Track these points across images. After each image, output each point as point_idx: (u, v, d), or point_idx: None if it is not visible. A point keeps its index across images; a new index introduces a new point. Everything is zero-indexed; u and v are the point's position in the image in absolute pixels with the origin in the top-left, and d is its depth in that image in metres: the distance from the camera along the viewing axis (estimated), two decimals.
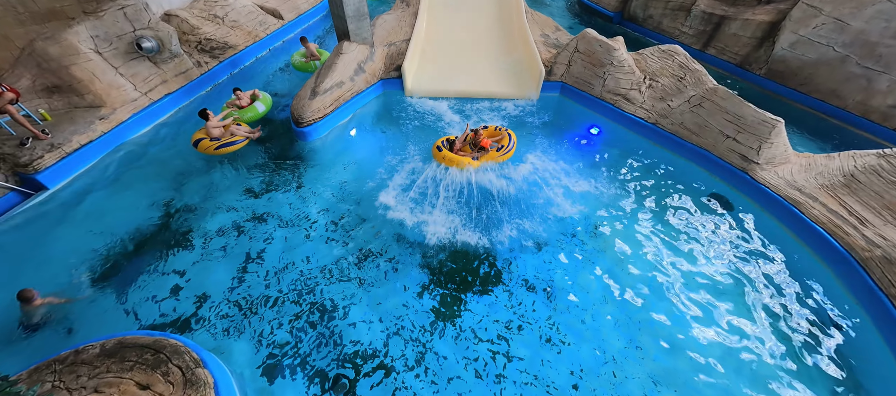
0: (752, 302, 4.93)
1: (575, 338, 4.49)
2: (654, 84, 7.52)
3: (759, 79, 9.40)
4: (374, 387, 4.04)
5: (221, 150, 6.74)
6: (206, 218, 5.79)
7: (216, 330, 4.48)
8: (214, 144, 6.66)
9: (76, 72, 6.63)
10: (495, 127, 7.33)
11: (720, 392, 4.11)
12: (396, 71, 8.43)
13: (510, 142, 6.96)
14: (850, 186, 5.49)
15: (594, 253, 5.46)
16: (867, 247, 4.85)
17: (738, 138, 6.26)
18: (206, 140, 6.66)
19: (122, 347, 3.69)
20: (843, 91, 8.18)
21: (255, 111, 7.65)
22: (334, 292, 4.88)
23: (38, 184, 6.04)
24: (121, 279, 4.97)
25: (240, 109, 7.58)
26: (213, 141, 6.67)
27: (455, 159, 6.65)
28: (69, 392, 3.35)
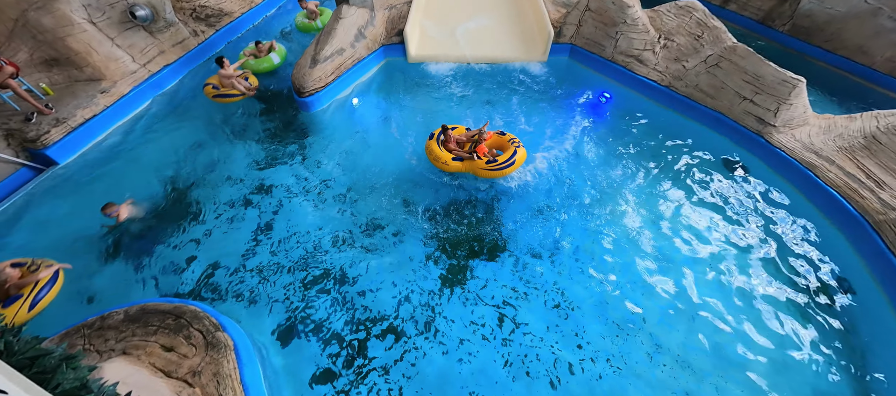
0: (759, 267, 4.94)
1: (581, 304, 4.58)
2: (669, 44, 7.15)
3: (781, 36, 8.88)
4: (387, 350, 4.21)
5: (219, 99, 7.04)
6: (214, 191, 5.85)
7: (231, 298, 4.65)
8: (214, 92, 6.96)
9: (72, 44, 6.50)
10: (510, 138, 5.85)
11: (722, 356, 4.21)
12: (398, 36, 8.11)
13: (512, 157, 5.51)
14: (871, 148, 5.31)
15: (601, 219, 5.45)
16: (882, 210, 4.76)
17: (755, 100, 6.01)
18: (209, 87, 7.03)
19: (145, 313, 3.86)
20: (871, 47, 7.72)
21: (269, 62, 7.94)
22: (343, 260, 4.99)
23: (49, 159, 6.11)
24: (135, 250, 5.12)
25: (256, 58, 7.91)
26: (214, 88, 6.95)
27: (439, 155, 5.62)
28: (100, 353, 3.55)
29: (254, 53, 7.98)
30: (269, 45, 8.08)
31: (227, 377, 3.44)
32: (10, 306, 4.03)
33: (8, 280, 4.07)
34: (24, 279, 4.19)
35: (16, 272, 4.20)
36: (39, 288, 4.23)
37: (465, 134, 5.82)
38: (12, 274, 4.13)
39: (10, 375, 1.25)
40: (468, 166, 5.64)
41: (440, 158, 5.59)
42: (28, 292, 4.15)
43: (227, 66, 7.00)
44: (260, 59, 7.92)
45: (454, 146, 5.70)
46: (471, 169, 5.64)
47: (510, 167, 5.48)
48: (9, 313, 3.99)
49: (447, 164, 5.58)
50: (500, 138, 5.88)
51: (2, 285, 4.03)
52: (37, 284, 4.22)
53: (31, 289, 4.16)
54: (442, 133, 5.76)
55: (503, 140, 5.84)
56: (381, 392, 3.90)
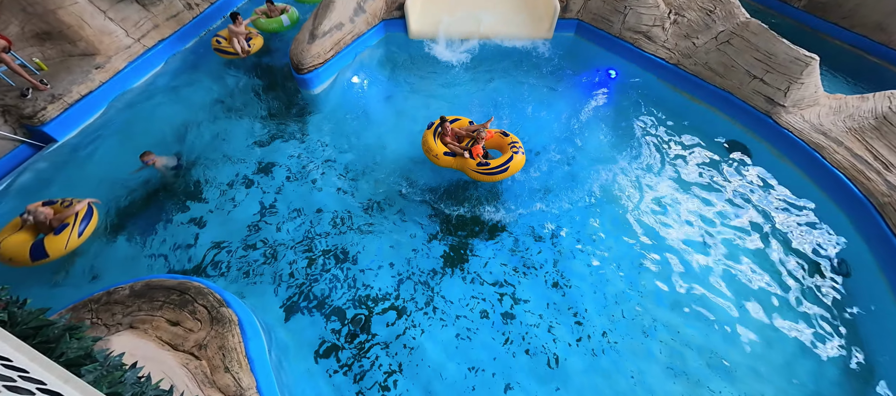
0: (759, 248, 4.95)
1: (579, 282, 4.62)
2: (679, 19, 6.90)
3: (797, 12, 8.56)
4: (389, 325, 4.29)
5: (219, 53, 7.33)
6: (215, 170, 5.83)
7: (235, 275, 4.70)
8: (216, 45, 7.27)
9: (64, 17, 6.32)
10: (511, 141, 5.34)
11: (718, 334, 4.27)
12: (399, 10, 7.85)
13: (506, 163, 5.03)
14: (881, 129, 5.19)
15: (602, 199, 5.42)
16: (888, 193, 4.71)
17: (765, 79, 5.84)
18: (215, 39, 7.30)
19: (150, 289, 3.92)
20: (890, 24, 7.45)
21: (279, 23, 7.92)
22: (345, 239, 5.02)
23: (47, 136, 6.06)
24: (137, 228, 5.15)
25: (268, 17, 7.95)
26: (218, 42, 7.26)
27: (431, 146, 5.29)
28: (107, 327, 3.63)
29: (265, 12, 7.96)
30: (282, 7, 8.03)
31: (233, 350, 3.52)
32: (60, 233, 4.37)
33: (47, 216, 4.40)
34: (61, 213, 4.51)
35: (50, 209, 4.51)
36: (81, 217, 4.53)
37: (465, 128, 5.46)
38: (48, 212, 4.45)
39: (16, 345, 1.27)
40: (459, 164, 5.25)
41: (432, 150, 5.30)
42: (72, 221, 4.45)
43: (239, 23, 7.17)
44: (270, 19, 7.89)
45: (451, 140, 5.37)
46: (461, 167, 5.26)
47: (502, 173, 5.00)
48: (61, 240, 4.34)
49: (438, 158, 5.29)
50: (501, 139, 5.40)
51: (44, 221, 4.37)
52: (77, 215, 4.51)
53: (75, 219, 4.48)
54: (440, 124, 5.44)
55: (503, 141, 5.36)
56: (382, 367, 4.00)
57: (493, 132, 5.48)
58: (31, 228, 4.43)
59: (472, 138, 5.35)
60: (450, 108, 6.79)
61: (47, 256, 4.28)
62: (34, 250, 4.24)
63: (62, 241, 4.34)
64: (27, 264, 4.26)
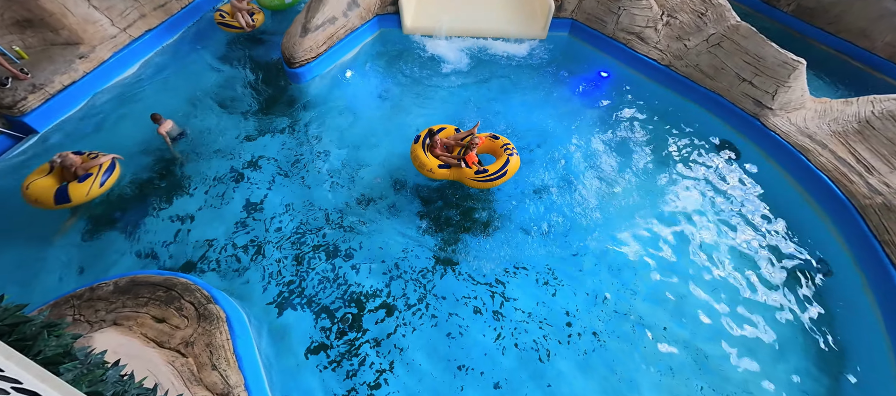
0: (744, 248, 5.05)
1: (570, 280, 4.66)
2: (671, 21, 6.98)
3: (785, 16, 8.72)
4: (378, 323, 4.27)
5: (223, 26, 7.55)
6: (204, 164, 5.71)
7: (223, 271, 4.63)
8: (220, 19, 7.48)
9: (46, 4, 6.11)
10: (503, 144, 5.23)
11: (704, 332, 4.35)
12: (393, 5, 7.78)
13: (504, 167, 4.95)
14: (863, 133, 5.33)
15: (593, 198, 5.47)
16: (869, 195, 4.84)
17: (754, 82, 5.95)
18: (218, 14, 7.54)
19: (135, 285, 3.84)
20: (873, 30, 7.64)
21: (281, 0, 8.16)
22: (336, 236, 4.97)
23: (27, 126, 5.87)
24: (123, 223, 5.03)
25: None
26: (221, 16, 7.47)
27: (424, 161, 5.02)
28: (90, 324, 3.54)
29: None
30: None
31: (220, 347, 3.47)
32: (84, 182, 4.70)
33: (74, 163, 4.73)
34: (87, 163, 4.85)
35: (79, 157, 4.84)
36: (104, 170, 4.90)
37: (453, 136, 5.24)
38: (76, 159, 4.77)
39: None
40: (456, 174, 5.12)
41: (425, 165, 5.03)
42: (96, 171, 4.83)
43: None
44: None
45: (441, 151, 5.14)
46: (458, 177, 5.14)
47: (501, 178, 4.95)
48: (83, 187, 4.69)
49: (433, 172, 5.07)
50: (492, 143, 5.29)
51: (70, 168, 4.70)
52: (101, 167, 4.88)
53: (98, 170, 4.83)
54: (428, 136, 5.19)
55: (496, 145, 5.25)
56: (373, 365, 3.98)
57: (483, 136, 5.35)
58: (57, 174, 4.73)
59: (464, 146, 5.19)
60: (443, 105, 6.77)
61: (70, 201, 4.60)
62: (58, 194, 4.54)
63: (85, 189, 4.67)
64: (50, 207, 4.58)
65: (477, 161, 5.09)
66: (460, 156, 5.11)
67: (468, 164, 5.00)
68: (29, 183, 4.59)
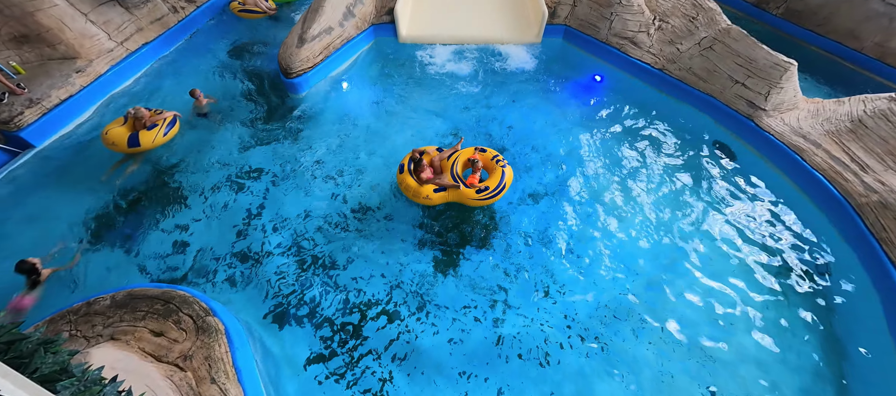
0: (744, 249, 5.06)
1: (570, 285, 4.65)
2: (663, 25, 7.07)
3: (774, 19, 8.86)
4: (379, 331, 4.24)
5: (243, 14, 8.19)
6: (200, 175, 5.71)
7: (222, 283, 4.60)
8: (238, 7, 8.08)
9: (43, 20, 6.14)
10: (493, 156, 5.18)
11: (703, 334, 4.34)
12: (389, 15, 7.86)
13: (502, 180, 4.92)
14: (857, 132, 5.39)
15: (591, 202, 5.48)
16: (864, 193, 4.87)
17: (747, 83, 6.02)
18: (236, 2, 8.08)
19: (132, 298, 3.80)
20: (861, 31, 7.76)
21: None
22: (335, 244, 4.95)
23: (24, 141, 5.86)
24: (119, 236, 5.00)
25: None
26: (240, 3, 8.03)
27: (417, 190, 4.77)
28: (87, 339, 3.50)
29: None
30: None
31: (219, 360, 3.43)
32: (151, 130, 5.64)
33: (144, 116, 5.62)
34: (154, 117, 5.76)
35: (148, 111, 5.72)
36: (167, 122, 5.82)
37: (438, 156, 5.05)
38: (146, 113, 5.66)
39: None
40: (455, 196, 4.92)
41: (420, 193, 4.76)
42: (161, 123, 5.74)
43: None
44: None
45: (430, 174, 4.86)
46: (459, 198, 4.96)
47: (501, 191, 4.90)
48: (151, 135, 5.62)
49: (429, 199, 4.83)
50: (483, 157, 5.23)
51: (141, 119, 5.58)
52: (165, 120, 5.81)
53: (162, 123, 5.75)
54: (411, 162, 4.85)
55: (486, 158, 5.21)
56: (374, 374, 3.94)
57: (470, 151, 5.25)
58: (130, 125, 5.63)
59: (467, 168, 5.08)
60: (439, 112, 6.80)
61: (139, 145, 5.57)
62: (131, 139, 5.52)
63: (151, 136, 5.62)
64: (124, 150, 5.60)
65: (478, 180, 4.94)
66: (457, 177, 4.92)
67: (467, 185, 4.85)
68: (108, 130, 5.57)
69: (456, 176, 4.94)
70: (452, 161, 5.06)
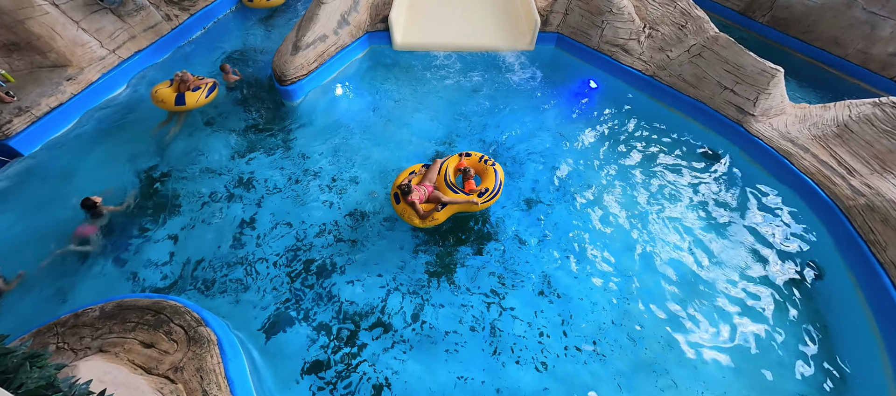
0: (736, 253, 5.11)
1: (566, 291, 4.65)
2: (653, 33, 7.21)
3: (760, 26, 9.08)
4: (375, 340, 4.20)
5: (252, 4, 9.07)
6: (193, 183, 5.65)
7: (214, 293, 4.53)
8: None
9: (33, 28, 6.09)
10: (481, 158, 5.18)
11: (699, 339, 4.36)
12: (383, 22, 7.92)
13: (497, 179, 4.95)
14: (842, 136, 5.51)
15: (586, 208, 5.52)
16: (852, 196, 4.97)
17: (735, 89, 6.14)
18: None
19: (122, 309, 3.72)
20: (845, 38, 7.97)
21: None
22: (330, 252, 4.92)
23: (12, 150, 5.76)
24: (109, 245, 4.92)
25: None
26: None
27: (419, 213, 4.52)
28: (75, 352, 3.42)
29: None
30: None
31: (212, 372, 3.37)
32: (195, 92, 6.34)
33: (189, 79, 6.30)
34: (198, 81, 6.46)
35: (192, 76, 6.40)
36: (209, 87, 6.53)
37: (425, 176, 4.87)
38: (191, 77, 6.34)
39: None
40: (462, 208, 4.86)
41: (425, 215, 4.56)
42: (204, 87, 6.46)
43: None
44: None
45: (423, 197, 4.62)
46: (465, 209, 4.90)
47: (500, 189, 4.95)
48: (195, 95, 6.32)
49: (435, 219, 4.67)
50: (469, 161, 5.21)
51: (186, 82, 6.27)
52: (207, 85, 6.52)
53: (205, 87, 6.47)
54: (399, 191, 4.54)
55: (473, 162, 5.20)
56: (370, 382, 3.90)
57: (455, 159, 5.20)
58: (175, 86, 6.30)
59: (462, 175, 5.04)
60: (434, 119, 6.83)
61: (185, 104, 6.25)
62: (177, 99, 6.21)
63: (195, 97, 6.32)
64: (171, 107, 6.27)
65: (474, 185, 4.93)
66: (459, 189, 4.82)
67: (466, 191, 4.82)
68: (157, 89, 6.27)
69: (461, 189, 4.85)
70: (444, 175, 4.92)
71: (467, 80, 7.61)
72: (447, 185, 4.85)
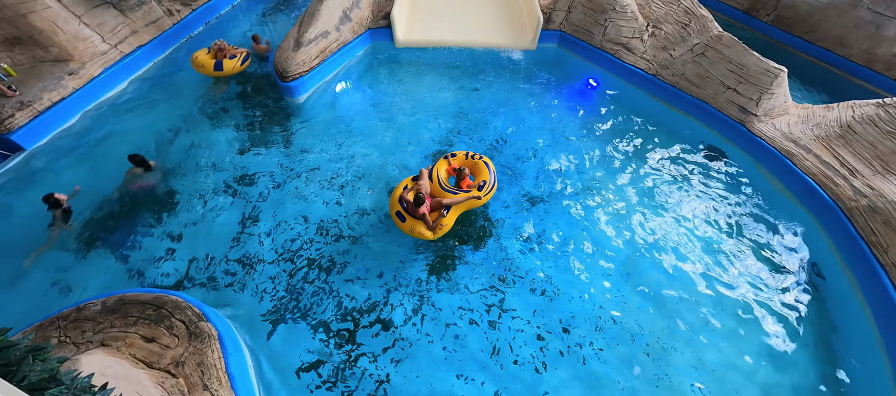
0: (736, 253, 5.11)
1: (566, 290, 4.66)
2: (657, 32, 7.17)
3: (765, 26, 9.02)
4: (375, 337, 4.21)
5: None
6: (195, 178, 5.66)
7: (216, 288, 4.55)
8: None
9: (35, 22, 6.09)
10: (468, 155, 5.15)
11: (698, 340, 4.37)
12: (385, 19, 7.89)
13: (491, 171, 4.94)
14: (846, 137, 5.48)
15: (586, 207, 5.51)
16: (854, 197, 4.95)
17: (738, 89, 6.11)
18: None
19: (124, 304, 3.75)
20: (849, 38, 7.92)
21: None
22: (330, 250, 4.93)
23: (14, 144, 5.78)
24: (111, 240, 4.94)
25: None
26: None
27: (428, 222, 4.39)
28: (76, 346, 3.44)
29: None
30: None
31: (212, 366, 3.39)
32: (232, 59, 6.87)
33: (225, 47, 6.86)
34: (232, 50, 6.96)
35: (228, 46, 6.91)
36: (243, 56, 7.06)
37: (422, 185, 4.62)
38: (227, 45, 6.90)
39: None
40: (465, 206, 4.79)
41: (434, 223, 4.42)
42: (239, 55, 7.02)
43: None
44: None
45: (426, 208, 4.41)
46: (469, 207, 4.85)
47: (496, 182, 4.98)
48: (232, 63, 6.88)
49: (444, 226, 4.53)
50: (458, 161, 5.17)
51: (223, 50, 6.82)
52: (241, 53, 7.05)
53: (240, 55, 7.00)
54: (415, 204, 4.34)
55: (462, 160, 5.18)
56: (370, 378, 3.92)
57: (444, 162, 5.12)
58: (213, 54, 6.85)
59: (457, 176, 4.98)
60: (435, 116, 6.82)
61: (223, 70, 6.80)
62: (216, 65, 6.76)
63: (232, 63, 6.87)
64: (210, 73, 6.82)
65: (471, 182, 4.93)
66: (459, 187, 4.81)
67: (464, 188, 4.79)
68: (196, 56, 6.82)
69: (458, 188, 4.83)
70: (437, 181, 4.82)
71: (469, 78, 7.59)
72: (443, 189, 4.74)
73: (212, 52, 6.88)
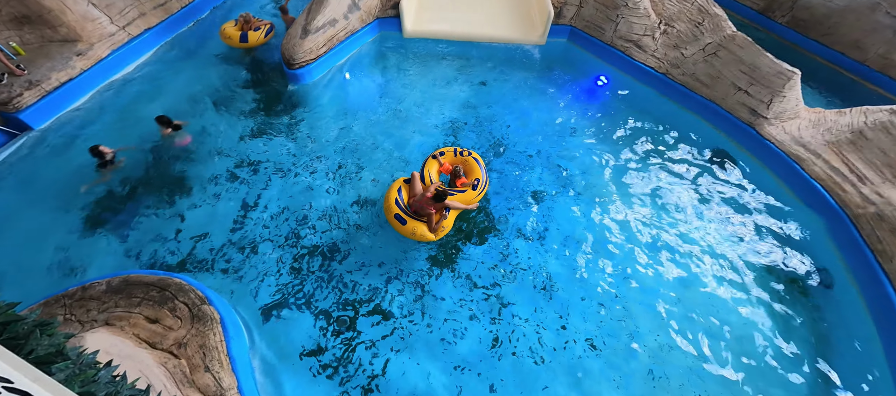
0: (739, 256, 5.08)
1: (566, 286, 4.66)
2: (668, 30, 7.05)
3: (779, 27, 8.85)
4: (375, 326, 4.25)
5: None
6: (200, 164, 5.69)
7: (218, 272, 4.60)
8: None
9: (44, 1, 6.08)
10: (458, 151, 5.09)
11: (697, 341, 4.37)
12: (394, 9, 7.81)
13: (482, 169, 4.93)
14: (856, 143, 5.40)
15: (590, 204, 5.49)
16: (862, 205, 4.89)
17: (749, 91, 6.02)
18: None
19: (128, 284, 3.80)
20: (866, 42, 7.76)
21: None
22: (333, 238, 4.95)
23: (22, 123, 5.82)
24: (117, 222, 4.99)
25: None
26: None
27: (432, 222, 4.30)
28: (81, 324, 3.50)
29: None
30: None
31: (214, 349, 3.44)
32: (257, 31, 7.16)
33: (251, 20, 7.14)
34: (256, 23, 7.26)
35: (253, 18, 7.25)
36: (266, 29, 7.35)
37: (419, 191, 4.55)
38: (252, 18, 7.20)
39: None
40: (465, 203, 4.71)
41: (439, 226, 4.37)
42: (263, 27, 7.30)
43: None
44: None
45: (429, 206, 4.30)
46: (469, 204, 4.77)
47: (487, 178, 5.01)
48: (256, 34, 7.16)
49: (444, 227, 4.48)
50: (448, 159, 5.15)
51: (249, 22, 7.10)
52: (265, 26, 7.35)
53: (264, 27, 7.30)
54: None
55: (452, 158, 5.15)
56: (369, 367, 3.96)
57: (434, 164, 5.10)
58: (239, 26, 7.15)
59: (453, 175, 4.98)
60: (441, 109, 6.78)
61: (248, 42, 7.09)
62: (242, 36, 7.06)
63: (257, 35, 7.15)
64: (236, 44, 7.13)
65: (465, 179, 4.90)
66: (453, 185, 4.85)
67: (458, 185, 4.80)
68: (224, 28, 7.13)
69: (453, 185, 4.86)
70: (430, 182, 4.79)
71: (476, 72, 7.53)
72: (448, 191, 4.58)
73: (238, 23, 7.11)
